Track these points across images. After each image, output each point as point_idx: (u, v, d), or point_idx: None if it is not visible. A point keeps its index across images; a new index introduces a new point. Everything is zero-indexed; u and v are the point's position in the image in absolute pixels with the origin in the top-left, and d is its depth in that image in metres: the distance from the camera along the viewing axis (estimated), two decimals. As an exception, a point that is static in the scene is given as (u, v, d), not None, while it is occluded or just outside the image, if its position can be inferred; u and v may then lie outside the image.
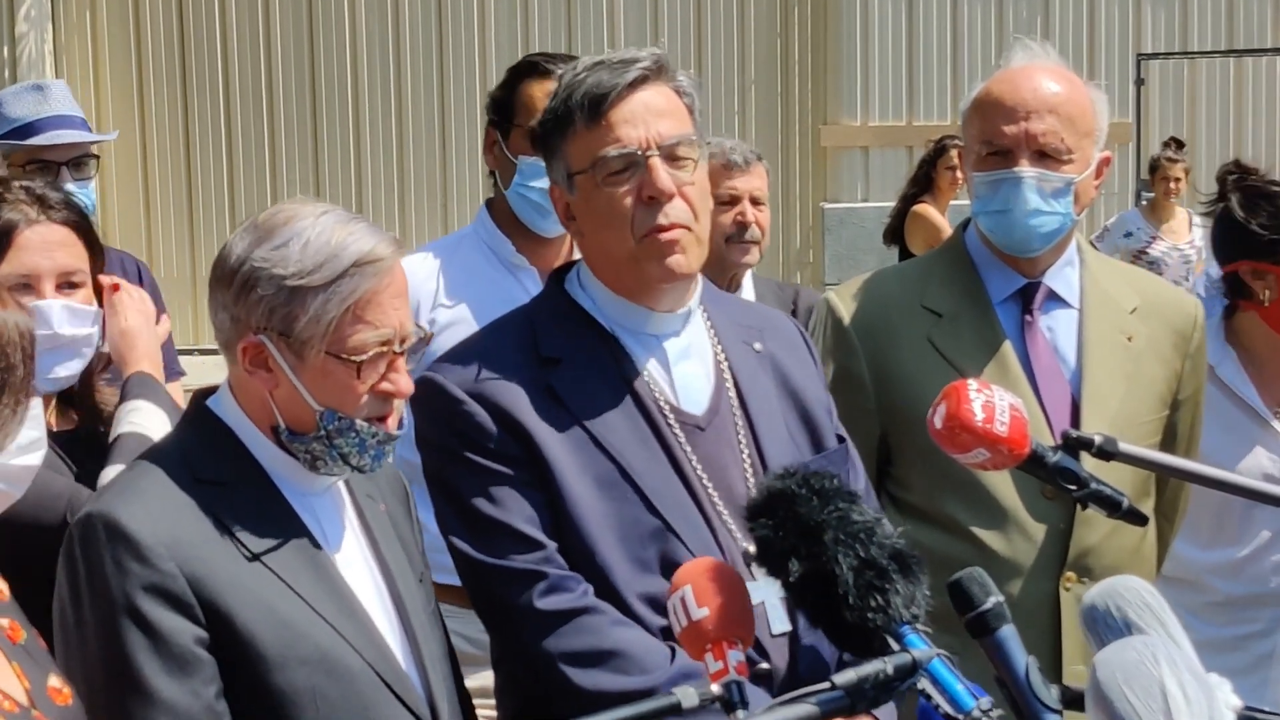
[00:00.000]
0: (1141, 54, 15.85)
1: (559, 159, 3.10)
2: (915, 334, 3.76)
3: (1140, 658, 2.09)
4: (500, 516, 2.97)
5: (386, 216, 15.96)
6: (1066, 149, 3.62)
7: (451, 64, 15.85)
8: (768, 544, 2.47)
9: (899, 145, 15.69)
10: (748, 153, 5.54)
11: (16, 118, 5.20)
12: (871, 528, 2.44)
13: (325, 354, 2.71)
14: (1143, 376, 3.74)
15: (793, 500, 2.47)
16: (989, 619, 2.39)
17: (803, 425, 3.19)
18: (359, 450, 2.78)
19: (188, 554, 2.62)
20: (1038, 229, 3.65)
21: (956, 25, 15.92)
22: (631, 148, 3.00)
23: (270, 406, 2.78)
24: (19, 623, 2.57)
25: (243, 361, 2.74)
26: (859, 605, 2.37)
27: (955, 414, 2.76)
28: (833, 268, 15.79)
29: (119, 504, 2.65)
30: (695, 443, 3.05)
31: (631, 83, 3.02)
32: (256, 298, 2.71)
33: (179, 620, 2.61)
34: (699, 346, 3.16)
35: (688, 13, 16.08)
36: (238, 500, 2.73)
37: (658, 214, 2.99)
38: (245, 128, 16.03)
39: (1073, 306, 3.76)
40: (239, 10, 15.97)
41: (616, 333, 3.10)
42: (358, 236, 2.73)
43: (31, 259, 3.47)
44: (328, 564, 2.79)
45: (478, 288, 4.32)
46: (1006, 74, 3.72)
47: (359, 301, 2.71)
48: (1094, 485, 2.84)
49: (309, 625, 2.69)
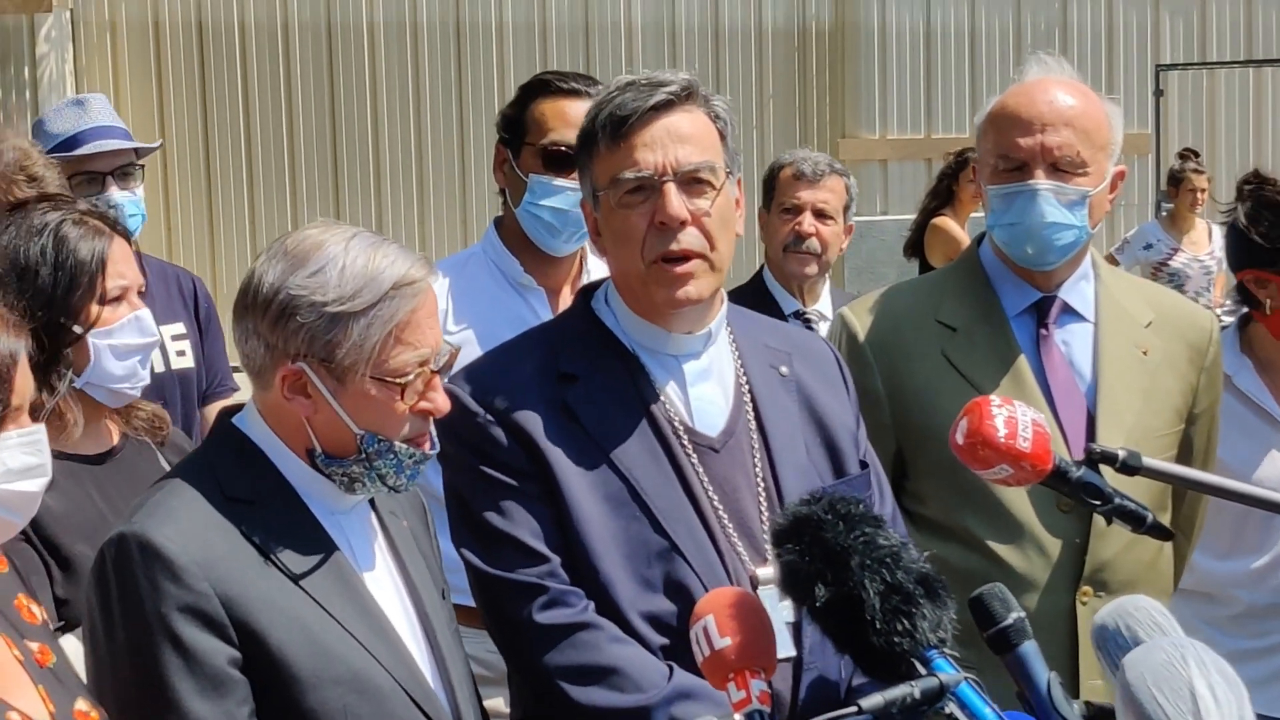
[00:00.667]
0: (1160, 65, 15.84)
1: (587, 176, 3.13)
2: (929, 349, 3.76)
3: (1169, 659, 2.09)
4: (508, 529, 2.98)
5: (407, 237, 15.99)
6: (1082, 162, 3.62)
7: (470, 87, 15.88)
8: (794, 569, 2.46)
9: (918, 158, 15.70)
10: (821, 165, 5.52)
11: (58, 133, 5.21)
12: (898, 552, 2.43)
13: (369, 378, 2.71)
14: (1158, 390, 3.73)
15: (819, 525, 2.47)
16: (1010, 635, 2.40)
17: (825, 450, 3.18)
18: (396, 470, 2.79)
19: (221, 574, 2.63)
20: (1054, 241, 3.65)
21: (974, 38, 15.92)
22: (647, 171, 3.00)
23: (306, 431, 2.78)
24: (49, 647, 2.58)
25: (281, 389, 2.74)
26: (886, 630, 2.37)
27: (978, 430, 2.75)
28: (853, 280, 15.77)
29: (152, 524, 2.65)
30: (708, 464, 3.05)
31: (655, 106, 3.02)
32: (296, 325, 2.71)
33: (213, 641, 2.61)
34: (720, 368, 3.16)
35: (706, 28, 16.10)
36: (268, 519, 2.73)
37: (669, 240, 3.00)
38: (265, 149, 16.06)
39: (1088, 320, 3.75)
40: (259, 32, 16.02)
41: (637, 352, 3.11)
42: (392, 259, 2.74)
43: (124, 271, 3.59)
44: (357, 583, 2.80)
45: (484, 307, 4.29)
46: (1021, 88, 3.72)
47: (399, 324, 2.73)
48: (1118, 500, 2.83)
49: (341, 645, 2.70)
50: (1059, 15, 15.83)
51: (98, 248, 3.52)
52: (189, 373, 5.11)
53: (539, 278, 4.36)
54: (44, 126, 5.31)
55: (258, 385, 2.81)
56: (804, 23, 16.24)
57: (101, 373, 3.52)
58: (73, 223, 3.53)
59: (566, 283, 4.41)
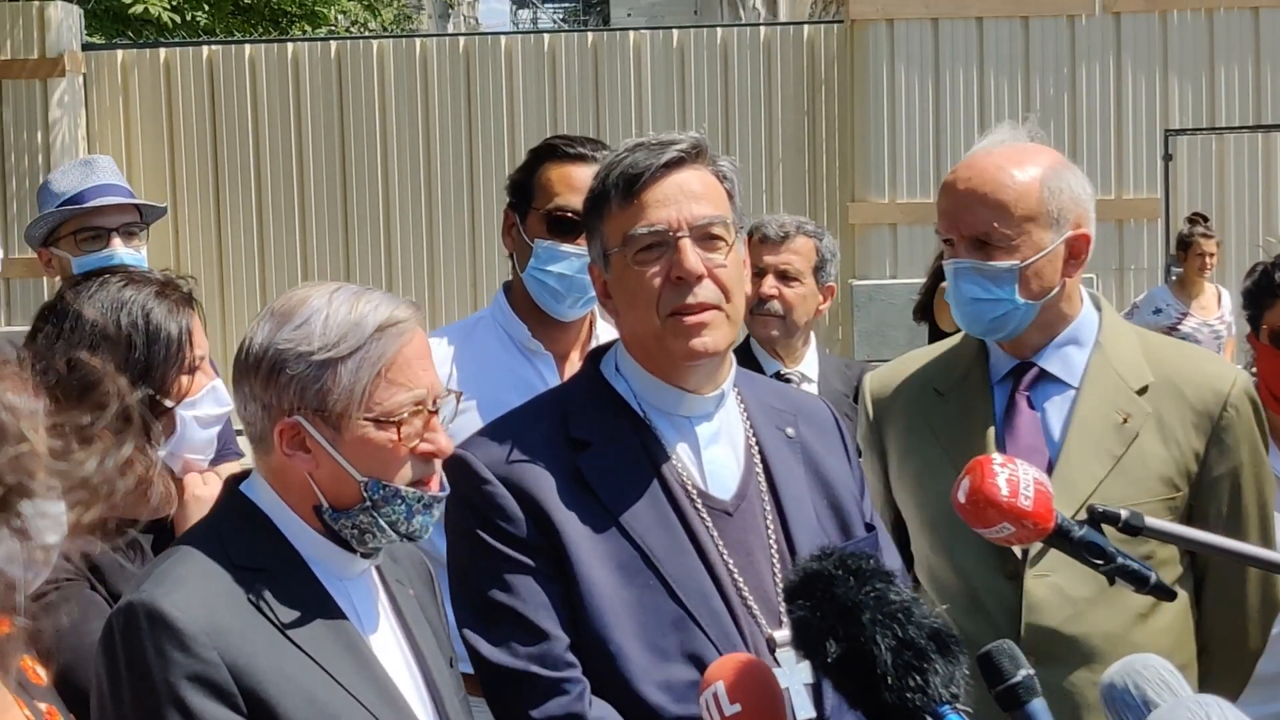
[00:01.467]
0: (1169, 129, 15.86)
1: (597, 238, 3.13)
2: (917, 413, 3.83)
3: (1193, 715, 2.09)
4: (509, 603, 2.97)
5: (417, 300, 16.00)
6: (1002, 236, 3.61)
7: (481, 149, 15.95)
8: (805, 625, 2.46)
9: (927, 222, 15.70)
10: (788, 226, 5.52)
11: (63, 191, 5.22)
12: (909, 607, 2.43)
13: (363, 420, 2.72)
14: (1136, 457, 3.68)
15: (830, 581, 2.46)
16: (1020, 692, 2.39)
17: (832, 513, 3.18)
18: (406, 516, 2.79)
19: (229, 642, 2.62)
20: (982, 315, 3.66)
21: (983, 102, 15.97)
22: (661, 227, 3.01)
23: (311, 487, 2.78)
24: (57, 709, 2.57)
25: (280, 445, 2.75)
26: (898, 685, 2.36)
27: (979, 489, 2.75)
28: (862, 344, 15.78)
29: (160, 592, 2.65)
30: (722, 528, 3.05)
31: (667, 163, 3.04)
32: (286, 379, 2.73)
33: (222, 710, 2.60)
34: (730, 430, 3.15)
35: (715, 92, 16.17)
36: (276, 586, 2.73)
37: (686, 294, 3.01)
38: (276, 212, 16.12)
39: (1071, 387, 3.74)
40: (270, 95, 16.11)
41: (649, 414, 3.10)
42: (375, 304, 2.77)
43: (201, 343, 3.60)
44: (366, 650, 2.78)
45: (492, 372, 4.28)
46: (956, 166, 3.75)
47: (388, 364, 2.74)
48: (1120, 560, 2.82)
49: (349, 712, 2.69)
50: (1067, 80, 15.87)
51: (183, 321, 3.54)
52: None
53: (547, 343, 4.36)
54: (50, 186, 5.33)
55: (260, 450, 2.82)
56: (813, 87, 16.31)
57: (186, 442, 3.54)
58: (153, 294, 3.54)
59: (575, 348, 4.41)
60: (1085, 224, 3.70)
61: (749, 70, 16.29)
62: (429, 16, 44.33)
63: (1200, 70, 16.10)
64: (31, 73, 15.62)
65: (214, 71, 16.13)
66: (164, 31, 18.12)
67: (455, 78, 16.17)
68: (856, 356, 15.09)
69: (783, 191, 16.07)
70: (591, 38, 16.78)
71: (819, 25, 16.89)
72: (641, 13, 50.39)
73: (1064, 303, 3.74)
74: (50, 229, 5.19)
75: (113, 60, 16.18)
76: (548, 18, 76.61)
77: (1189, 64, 16.07)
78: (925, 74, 16.00)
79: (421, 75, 16.17)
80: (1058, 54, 16.05)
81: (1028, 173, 3.66)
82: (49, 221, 5.18)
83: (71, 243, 4.98)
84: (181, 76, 16.11)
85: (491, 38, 17.01)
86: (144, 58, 16.20)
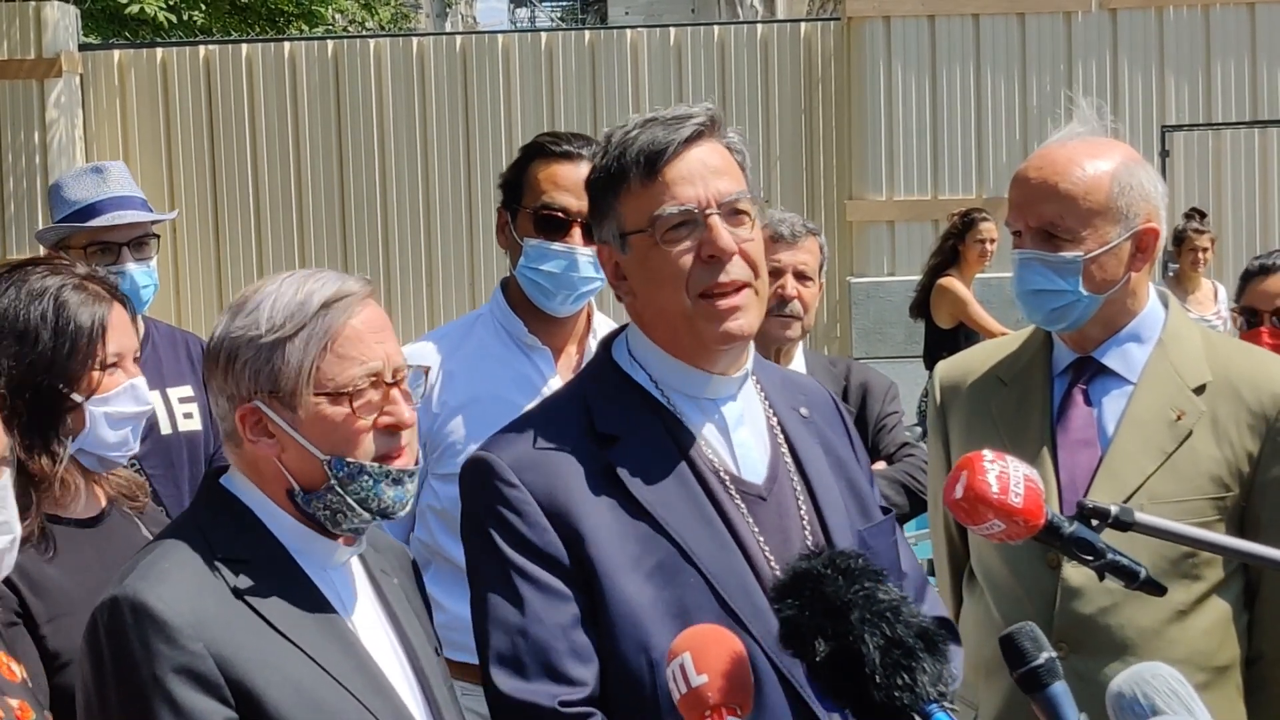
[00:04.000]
0: (1166, 126, 15.89)
1: (610, 217, 3.01)
2: (980, 401, 3.85)
3: None
4: (527, 628, 2.85)
5: (415, 301, 16.05)
6: (1069, 229, 3.63)
7: (478, 147, 15.98)
8: (794, 624, 2.44)
9: (924, 219, 15.74)
10: (797, 226, 5.50)
11: (76, 200, 5.20)
12: (897, 606, 2.42)
13: (316, 397, 2.72)
14: (1188, 455, 3.67)
15: (819, 580, 2.45)
16: (1041, 674, 2.39)
17: (851, 494, 3.11)
18: (375, 493, 2.77)
19: (214, 634, 2.62)
20: (1043, 306, 3.69)
21: (980, 99, 15.99)
22: (690, 205, 2.91)
23: (281, 472, 2.78)
24: (29, 704, 2.58)
25: (245, 432, 2.75)
26: (886, 684, 2.36)
27: (971, 485, 2.76)
28: (860, 342, 15.81)
29: (144, 585, 2.64)
30: (757, 514, 2.97)
31: (687, 139, 2.94)
32: (240, 366, 2.74)
33: (208, 702, 2.59)
34: (753, 412, 3.08)
35: (713, 90, 16.16)
36: (260, 577, 2.72)
37: (718, 272, 2.92)
38: (274, 214, 16.14)
39: (1130, 382, 3.75)
40: (267, 94, 16.12)
41: (673, 399, 3.01)
42: (323, 282, 2.77)
43: (120, 339, 3.56)
44: (352, 638, 2.78)
45: (490, 367, 4.29)
46: (1031, 157, 3.77)
47: (336, 338, 2.73)
48: (1110, 556, 2.82)
49: (337, 701, 2.68)
50: (1064, 76, 15.89)
51: (98, 314, 3.51)
52: (196, 435, 5.10)
53: (544, 338, 4.36)
54: (61, 192, 5.30)
55: (232, 444, 2.82)
56: (810, 85, 16.32)
57: (95, 440, 3.50)
58: (73, 288, 3.52)
59: (572, 342, 4.41)
60: (1155, 219, 3.70)
61: (746, 68, 16.31)
62: (426, 15, 44.32)
63: (1197, 66, 16.13)
64: (28, 73, 15.64)
65: (211, 71, 16.15)
66: (160, 31, 18.11)
67: (452, 76, 16.18)
68: (854, 354, 15.10)
69: (780, 189, 16.08)
70: (589, 36, 16.80)
71: (816, 23, 16.93)
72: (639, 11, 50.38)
73: (1128, 298, 3.74)
74: (61, 237, 5.19)
75: (109, 60, 16.20)
76: (545, 16, 76.62)
77: (1185, 60, 16.10)
78: (922, 71, 16.03)
79: (419, 74, 16.18)
80: (1054, 51, 16.08)
81: (1099, 166, 3.66)
82: (60, 232, 5.18)
83: (81, 255, 4.97)
84: (178, 76, 16.13)
85: (489, 36, 17.06)
86: (140, 58, 16.23)
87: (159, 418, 5.00)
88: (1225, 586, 3.67)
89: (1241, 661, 3.72)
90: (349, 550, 2.86)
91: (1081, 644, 3.59)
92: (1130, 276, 3.70)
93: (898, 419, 5.29)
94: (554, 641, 2.84)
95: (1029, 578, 3.68)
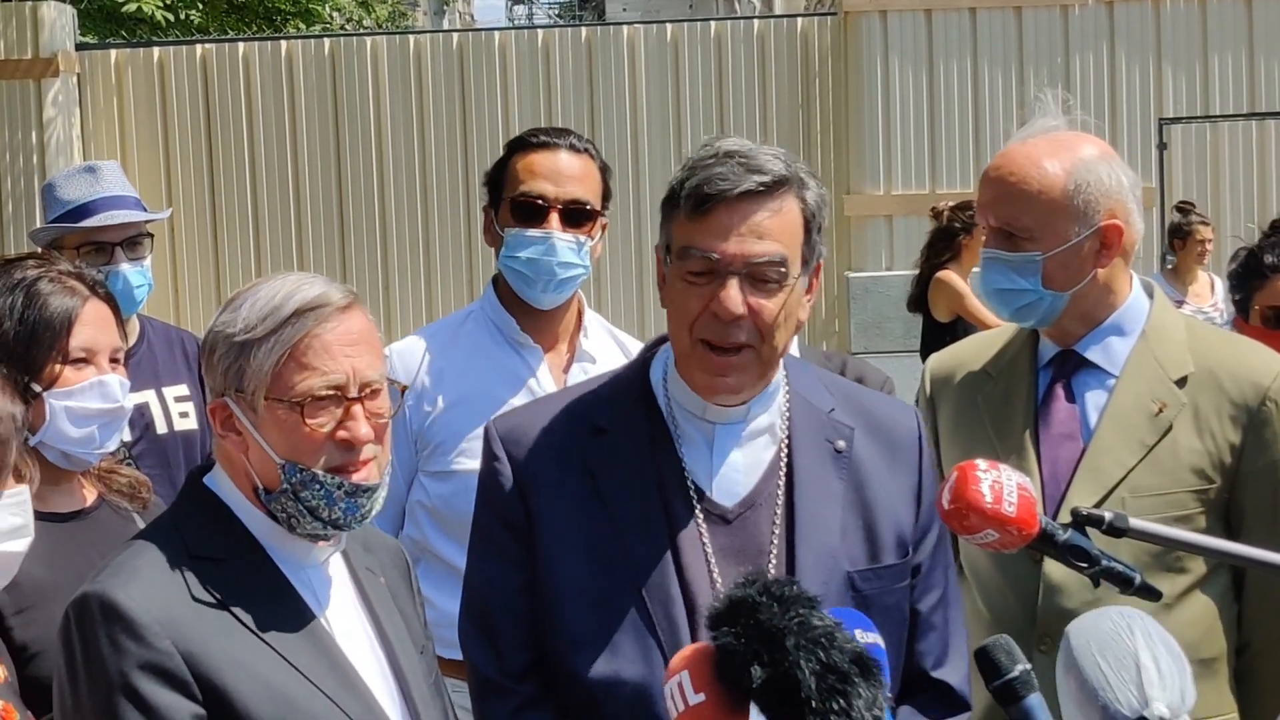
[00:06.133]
0: (1163, 118, 15.88)
1: (665, 228, 3.07)
2: (968, 392, 3.87)
3: (1115, 628, 2.10)
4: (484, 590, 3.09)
5: (413, 299, 16.04)
6: (1024, 228, 3.65)
7: (476, 145, 15.95)
8: (730, 652, 2.47)
9: (922, 213, 15.64)
10: None
11: (69, 200, 5.19)
12: (832, 632, 2.45)
13: (269, 399, 2.73)
14: (1169, 447, 3.67)
15: (754, 608, 2.47)
16: (1017, 687, 2.41)
17: (864, 535, 3.09)
18: (327, 504, 2.77)
19: (183, 631, 2.64)
20: (1008, 305, 3.72)
21: (977, 93, 15.98)
22: (715, 256, 2.93)
23: (247, 468, 2.80)
24: (13, 705, 2.59)
25: (215, 425, 2.79)
26: (823, 709, 2.39)
27: (962, 495, 2.76)
28: (858, 336, 15.80)
29: (114, 583, 2.66)
30: (716, 534, 3.02)
31: (743, 193, 2.93)
32: (216, 360, 2.78)
33: (176, 698, 2.61)
34: (759, 436, 3.10)
35: (710, 85, 16.17)
36: (233, 575, 2.74)
37: (720, 330, 2.95)
38: (272, 213, 16.14)
39: (1112, 375, 3.75)
40: (264, 93, 16.11)
41: (674, 410, 3.08)
42: (306, 288, 2.78)
43: (92, 335, 3.56)
44: (325, 637, 2.79)
45: (481, 365, 4.29)
46: (996, 155, 3.79)
47: (300, 346, 2.74)
48: (1105, 562, 2.83)
49: (308, 699, 2.70)
50: (1061, 70, 15.87)
51: (67, 305, 3.51)
52: (192, 434, 5.11)
53: (535, 335, 4.36)
54: (54, 192, 5.30)
55: (215, 437, 2.86)
56: (807, 80, 16.31)
57: (56, 434, 3.49)
58: (48, 280, 3.53)
59: (563, 340, 4.41)
60: (1120, 214, 3.69)
61: (743, 64, 16.29)
62: (423, 13, 44.31)
63: (1194, 59, 16.12)
64: (25, 73, 15.63)
65: (208, 70, 16.14)
66: (157, 30, 18.11)
67: (450, 74, 16.17)
68: (853, 348, 15.10)
69: (778, 184, 16.04)
70: (586, 33, 16.78)
71: (813, 18, 16.91)
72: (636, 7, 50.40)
73: (1104, 292, 3.74)
74: (55, 237, 5.18)
75: (106, 60, 16.18)
76: (542, 13, 76.59)
77: (1183, 53, 16.08)
78: (919, 66, 16.02)
79: (416, 72, 16.17)
80: (1051, 44, 16.07)
81: (1056, 165, 3.67)
82: (53, 232, 5.18)
83: (74, 255, 4.96)
84: (175, 75, 16.11)
85: (486, 34, 17.02)
86: (138, 57, 16.21)
87: (154, 417, 5.01)
88: (1210, 580, 3.68)
89: (1231, 653, 3.73)
90: (327, 549, 2.87)
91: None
92: (1098, 273, 3.70)
93: None
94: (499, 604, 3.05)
95: (1012, 573, 3.69)
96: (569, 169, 4.28)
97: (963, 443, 3.81)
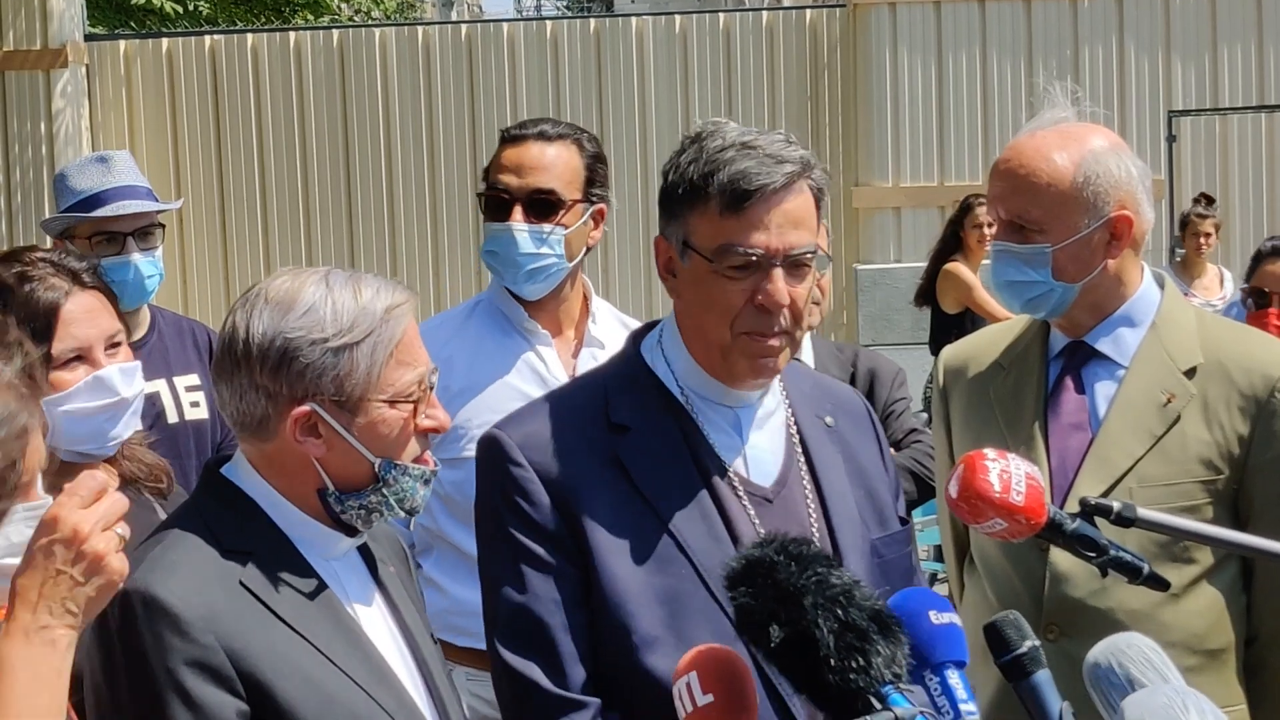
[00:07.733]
0: (1173, 111, 15.87)
1: (678, 221, 3.02)
2: (980, 384, 3.86)
3: (1170, 703, 2.11)
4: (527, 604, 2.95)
5: (422, 288, 16.04)
6: (1034, 220, 3.66)
7: (484, 136, 15.95)
8: (748, 611, 2.45)
9: (931, 206, 15.74)
10: None
11: (81, 190, 5.19)
12: (850, 590, 2.42)
13: (379, 402, 2.74)
14: (1177, 438, 3.67)
15: (772, 567, 2.45)
16: (1025, 663, 2.41)
17: (869, 503, 3.14)
18: (412, 493, 2.81)
19: (225, 626, 2.62)
20: (1018, 297, 3.72)
21: (986, 85, 15.99)
22: (760, 251, 2.93)
23: (315, 471, 2.77)
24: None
25: (293, 432, 2.73)
26: (841, 667, 2.36)
27: (970, 484, 2.76)
28: (867, 329, 15.82)
29: (154, 579, 2.63)
30: (764, 515, 3.00)
31: (778, 186, 2.94)
32: (301, 367, 2.71)
33: (221, 694, 2.59)
34: (773, 416, 3.12)
35: (718, 77, 16.18)
36: (265, 569, 2.73)
37: (765, 321, 2.95)
38: (280, 201, 16.16)
39: (1122, 366, 3.76)
40: (273, 84, 16.13)
41: (691, 399, 3.06)
42: (375, 288, 2.78)
43: (80, 330, 3.51)
44: (356, 628, 2.79)
45: (490, 352, 4.30)
46: (1005, 147, 3.79)
47: (397, 345, 2.76)
48: (1114, 552, 2.83)
49: (344, 692, 2.69)
50: (1070, 62, 15.88)
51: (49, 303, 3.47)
52: (203, 424, 5.11)
53: (542, 322, 4.38)
54: (66, 182, 5.30)
55: (257, 437, 2.80)
56: (816, 72, 16.32)
57: (61, 439, 3.42)
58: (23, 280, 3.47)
59: (570, 326, 4.42)
60: (1130, 205, 3.69)
61: (751, 55, 16.30)
62: (432, 4, 44.31)
63: (1203, 51, 16.12)
64: (34, 64, 15.66)
65: (217, 61, 16.16)
66: (166, 21, 18.15)
67: (458, 65, 16.19)
68: (861, 340, 15.11)
69: (786, 176, 16.07)
70: (594, 24, 16.80)
71: (821, 9, 16.90)
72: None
73: (1115, 284, 3.74)
74: (66, 226, 5.19)
75: (115, 51, 16.21)
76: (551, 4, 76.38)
77: (1192, 45, 16.08)
78: (928, 57, 16.02)
79: (424, 63, 16.19)
80: (1060, 36, 16.07)
81: (1065, 156, 3.66)
82: (65, 222, 5.18)
83: (86, 245, 4.96)
84: (184, 66, 16.14)
85: (494, 25, 17.06)
86: (146, 48, 16.24)
87: (165, 406, 5.01)
88: (1219, 570, 3.68)
89: (1240, 644, 3.74)
90: (351, 540, 2.87)
91: (1072, 627, 3.59)
92: (1108, 264, 3.71)
93: (905, 405, 5.30)
94: (551, 618, 2.92)
95: (1020, 562, 3.69)
96: (534, 160, 4.28)
97: (974, 433, 3.82)
